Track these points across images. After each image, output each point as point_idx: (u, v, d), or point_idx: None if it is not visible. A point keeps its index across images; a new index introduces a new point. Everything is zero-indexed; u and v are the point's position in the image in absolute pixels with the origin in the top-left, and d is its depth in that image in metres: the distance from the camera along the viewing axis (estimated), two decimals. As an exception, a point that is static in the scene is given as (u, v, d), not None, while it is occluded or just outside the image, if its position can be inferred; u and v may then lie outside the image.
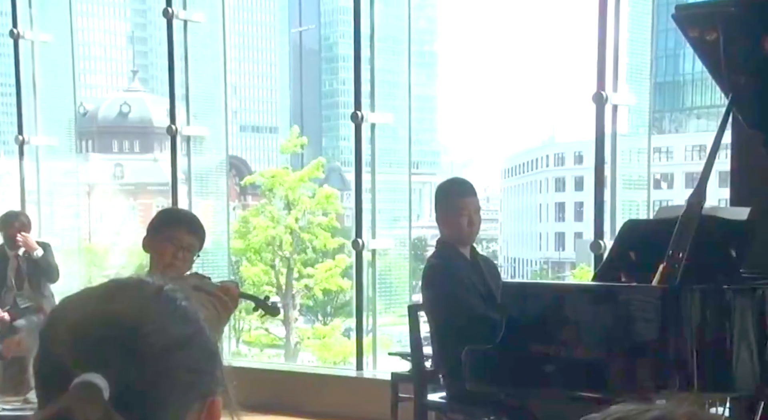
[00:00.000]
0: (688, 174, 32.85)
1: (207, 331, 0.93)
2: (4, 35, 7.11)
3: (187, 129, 6.35)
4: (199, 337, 0.91)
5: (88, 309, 0.89)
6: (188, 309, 0.92)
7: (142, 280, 0.94)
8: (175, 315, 0.91)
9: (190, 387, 0.90)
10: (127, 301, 0.90)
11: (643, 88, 4.94)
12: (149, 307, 0.90)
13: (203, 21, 6.33)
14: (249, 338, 20.87)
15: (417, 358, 4.04)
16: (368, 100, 5.70)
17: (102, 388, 0.83)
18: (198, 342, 0.91)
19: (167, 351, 0.88)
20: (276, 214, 20.24)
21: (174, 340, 0.89)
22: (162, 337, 0.88)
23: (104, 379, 0.83)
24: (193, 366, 0.90)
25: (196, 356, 0.90)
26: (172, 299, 0.92)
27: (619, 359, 2.84)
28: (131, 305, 0.89)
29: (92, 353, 0.85)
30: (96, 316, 0.88)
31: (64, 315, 0.90)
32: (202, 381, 0.91)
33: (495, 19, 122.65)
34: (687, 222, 2.90)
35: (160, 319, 0.89)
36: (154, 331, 0.88)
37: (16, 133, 7.06)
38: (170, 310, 0.91)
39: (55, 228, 7.08)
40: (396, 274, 6.15)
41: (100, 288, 0.93)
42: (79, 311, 0.89)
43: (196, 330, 0.92)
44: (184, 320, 0.91)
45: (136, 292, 0.91)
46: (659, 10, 4.86)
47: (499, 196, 50.23)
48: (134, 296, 0.91)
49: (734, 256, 3.01)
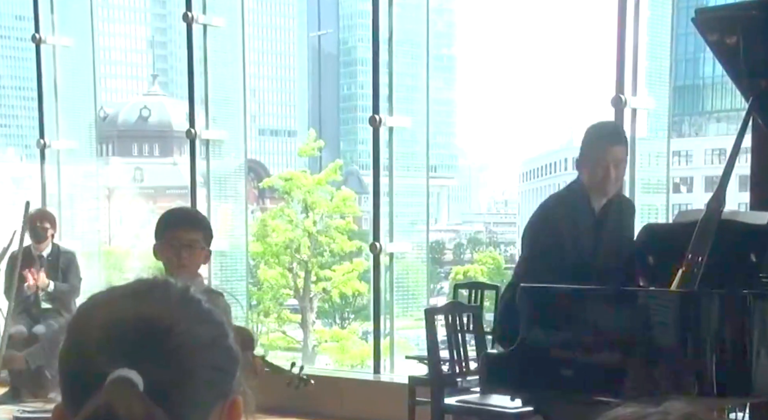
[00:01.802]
0: (707, 177, 32.64)
1: (229, 333, 0.96)
2: (26, 40, 7.19)
3: (206, 133, 6.38)
4: (222, 339, 0.94)
5: (118, 308, 0.92)
6: (212, 311, 0.96)
7: (168, 280, 0.97)
8: (201, 317, 0.94)
9: (214, 385, 0.93)
10: (156, 301, 0.93)
11: (663, 92, 4.92)
12: (178, 307, 0.93)
13: (223, 25, 6.37)
14: (267, 341, 20.93)
15: (434, 362, 4.04)
16: (386, 103, 5.70)
17: (137, 382, 0.86)
18: (221, 343, 0.94)
19: (195, 350, 0.91)
20: (294, 217, 20.31)
21: (201, 340, 0.92)
22: (191, 336, 0.91)
23: (138, 375, 0.86)
24: (217, 365, 0.93)
25: (220, 356, 0.93)
26: (197, 300, 0.95)
27: (638, 363, 2.82)
28: (161, 305, 0.92)
29: (125, 351, 0.88)
30: (127, 314, 0.90)
31: (93, 313, 0.93)
32: (225, 380, 0.94)
33: (513, 22, 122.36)
34: (706, 226, 2.89)
35: (189, 320, 0.92)
36: (183, 332, 0.91)
37: (37, 137, 7.12)
38: (197, 310, 0.94)
39: (75, 231, 7.14)
40: (413, 278, 6.15)
41: (128, 287, 0.96)
42: (109, 310, 0.92)
43: (220, 331, 0.95)
44: (209, 322, 0.94)
45: (164, 291, 0.94)
46: (679, 14, 4.84)
47: (517, 199, 50.11)
48: (163, 296, 0.94)
49: (754, 261, 2.99)
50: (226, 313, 3.05)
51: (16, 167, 28.35)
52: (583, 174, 3.43)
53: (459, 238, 44.34)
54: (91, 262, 7.09)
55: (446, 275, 31.74)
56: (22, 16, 7.89)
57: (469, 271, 28.34)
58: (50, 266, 5.94)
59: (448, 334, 4.15)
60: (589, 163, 3.38)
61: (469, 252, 39.04)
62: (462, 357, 4.14)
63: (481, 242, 42.07)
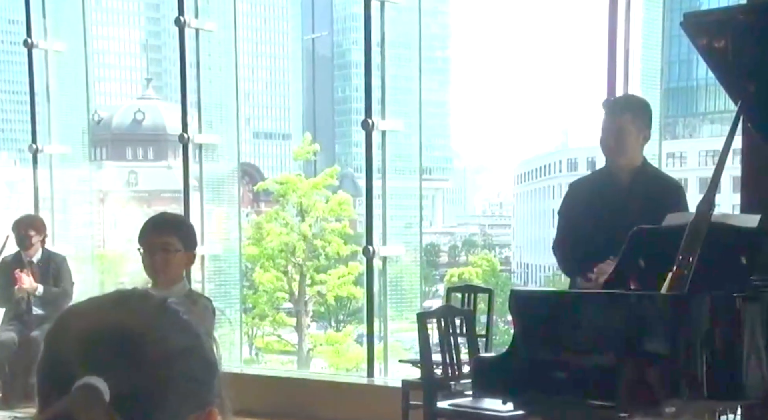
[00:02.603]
0: (701, 179, 32.69)
1: (207, 344, 0.96)
2: (19, 44, 7.17)
3: (199, 137, 6.38)
4: (199, 349, 0.94)
5: (94, 316, 0.93)
6: (190, 322, 0.96)
7: (147, 291, 0.98)
8: (178, 326, 0.94)
9: (188, 396, 0.92)
10: (132, 310, 0.93)
11: (655, 94, 4.93)
12: (153, 317, 0.93)
13: (215, 30, 6.37)
14: (261, 344, 20.90)
15: (427, 366, 4.05)
16: (379, 106, 5.71)
17: (102, 390, 0.86)
18: (198, 353, 0.94)
19: (168, 359, 0.91)
20: (289, 221, 20.29)
21: (175, 350, 0.92)
22: (164, 345, 0.91)
23: (105, 383, 0.86)
24: (192, 375, 0.93)
25: (195, 367, 0.93)
26: (175, 311, 0.96)
27: (629, 367, 2.83)
28: (136, 314, 0.93)
29: (96, 358, 0.88)
30: (102, 323, 0.91)
31: (70, 321, 0.94)
32: (200, 391, 0.94)
33: (507, 24, 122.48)
34: (697, 228, 2.89)
35: (163, 329, 0.92)
36: (157, 339, 0.91)
37: (30, 142, 7.11)
38: (173, 321, 0.94)
39: (68, 235, 7.13)
40: (407, 281, 6.15)
41: (106, 297, 0.96)
42: (86, 318, 0.93)
43: (196, 342, 0.95)
44: (185, 332, 0.94)
45: (141, 302, 0.95)
46: (671, 16, 4.85)
47: (512, 201, 50.15)
48: (139, 306, 0.94)
49: (744, 263, 2.99)
50: (204, 316, 3.05)
51: (10, 171, 28.29)
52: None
53: (454, 240, 44.35)
54: (84, 266, 7.08)
55: (441, 277, 31.74)
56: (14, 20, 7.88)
57: (464, 273, 28.34)
58: (41, 271, 5.93)
59: (441, 337, 4.15)
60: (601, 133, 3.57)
61: (464, 254, 39.06)
62: (455, 361, 4.15)
63: (476, 244, 42.09)
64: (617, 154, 3.52)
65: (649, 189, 3.48)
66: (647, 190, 3.47)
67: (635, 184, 3.50)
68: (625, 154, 3.50)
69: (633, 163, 3.53)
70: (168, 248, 3.01)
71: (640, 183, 3.50)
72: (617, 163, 3.55)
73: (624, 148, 3.48)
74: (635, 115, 3.52)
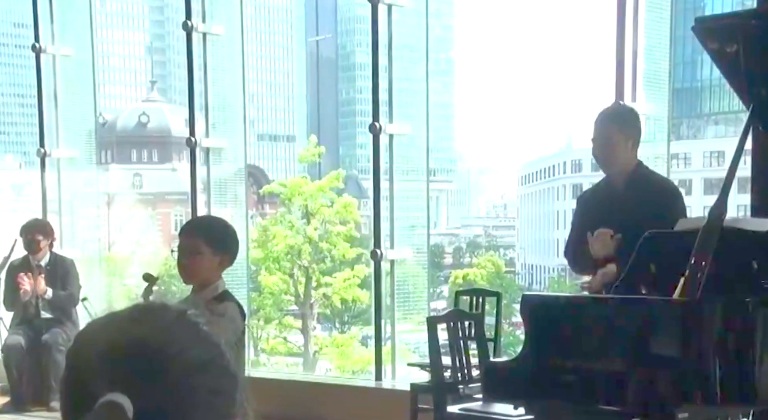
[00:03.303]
0: (706, 180, 32.63)
1: (227, 355, 0.95)
2: (26, 47, 7.19)
3: (206, 141, 6.39)
4: (220, 360, 0.94)
5: (113, 332, 0.92)
6: (210, 333, 0.95)
7: (165, 304, 0.98)
8: (198, 338, 0.93)
9: (210, 408, 0.92)
10: (151, 325, 0.93)
11: (662, 95, 4.93)
12: (173, 331, 0.93)
13: (222, 34, 6.37)
14: (267, 347, 20.91)
15: (436, 370, 4.04)
16: (386, 109, 5.70)
17: (126, 408, 0.85)
18: (219, 365, 0.94)
19: (189, 373, 0.90)
20: (295, 223, 20.31)
21: (196, 363, 0.91)
22: (184, 359, 0.91)
23: (128, 399, 0.86)
24: (213, 388, 0.92)
25: (216, 379, 0.93)
26: (194, 323, 0.95)
27: (641, 372, 2.82)
28: (155, 328, 0.92)
29: (117, 375, 0.88)
30: (122, 339, 0.91)
31: (90, 338, 0.94)
32: (222, 403, 0.93)
33: (512, 26, 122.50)
34: (709, 232, 2.88)
35: (183, 342, 0.92)
36: (177, 353, 0.90)
37: (37, 146, 7.12)
38: (192, 333, 0.94)
39: (75, 238, 7.14)
40: (414, 282, 6.14)
41: (124, 312, 0.96)
42: (105, 334, 0.93)
43: (217, 353, 0.94)
44: (206, 344, 0.94)
45: (160, 316, 0.95)
46: (677, 17, 4.85)
47: (516, 203, 50.10)
48: (158, 320, 0.94)
49: (756, 268, 2.98)
50: (234, 320, 3.06)
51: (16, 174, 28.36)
52: None
53: (458, 241, 44.33)
54: (91, 269, 7.09)
55: (446, 279, 31.73)
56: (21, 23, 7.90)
57: (468, 274, 28.34)
58: (49, 275, 5.93)
59: (450, 342, 4.15)
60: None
61: (469, 256, 39.05)
62: (464, 364, 4.14)
63: (481, 246, 42.08)
64: (608, 164, 3.68)
65: (643, 191, 3.59)
66: (641, 192, 3.58)
67: (629, 187, 3.63)
68: (616, 163, 3.65)
69: (626, 168, 3.65)
70: (195, 251, 3.03)
71: (634, 186, 3.62)
72: (610, 171, 3.70)
73: (614, 157, 3.63)
74: (621, 123, 3.66)
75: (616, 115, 3.74)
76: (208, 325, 0.95)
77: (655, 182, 3.73)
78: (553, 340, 3.02)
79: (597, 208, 3.67)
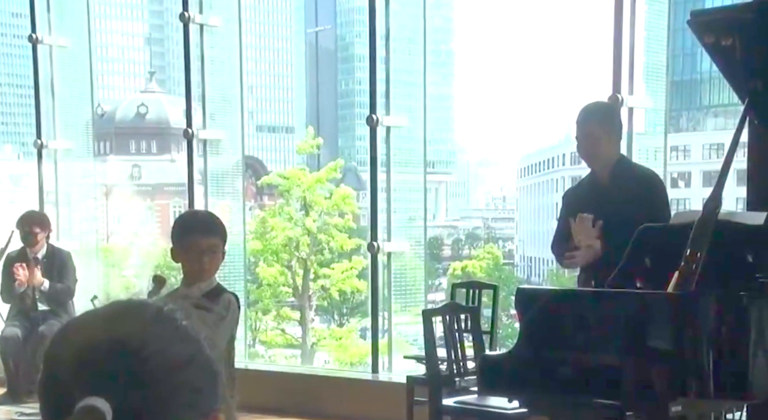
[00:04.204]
0: (705, 172, 32.65)
1: (208, 350, 0.93)
2: (23, 37, 7.16)
3: (203, 133, 6.37)
4: (200, 356, 0.92)
5: (90, 333, 0.91)
6: (189, 328, 0.93)
7: (143, 302, 0.96)
8: (176, 335, 0.92)
9: (191, 406, 0.91)
10: (128, 324, 0.91)
11: (660, 87, 4.92)
12: (150, 329, 0.91)
13: (219, 25, 6.35)
14: (265, 338, 20.94)
15: (432, 363, 4.04)
16: (383, 100, 5.69)
17: (105, 411, 0.84)
18: (199, 361, 0.92)
19: (169, 372, 0.89)
20: (293, 215, 20.31)
21: (175, 361, 0.90)
22: (163, 358, 0.89)
23: (106, 403, 0.85)
24: (194, 385, 0.91)
25: (197, 375, 0.91)
26: (172, 319, 0.93)
27: (636, 366, 2.82)
28: (132, 328, 0.90)
29: (95, 377, 0.87)
30: (98, 340, 0.89)
31: (67, 339, 0.92)
32: (203, 400, 0.92)
33: (511, 17, 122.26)
34: (704, 226, 2.89)
35: (161, 341, 0.90)
36: (155, 353, 0.89)
37: (35, 137, 7.11)
38: (171, 330, 0.92)
39: (73, 229, 7.13)
40: (411, 274, 6.14)
41: (101, 311, 0.94)
42: (82, 335, 0.91)
43: (197, 349, 0.92)
44: (184, 340, 0.92)
45: (138, 314, 0.93)
46: (676, 9, 4.84)
47: (515, 195, 50.13)
48: (135, 319, 0.92)
49: (751, 261, 2.98)
50: (233, 310, 3.07)
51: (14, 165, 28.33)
52: None
53: (457, 233, 44.37)
54: (89, 260, 7.09)
55: (444, 271, 31.75)
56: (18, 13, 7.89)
57: (467, 266, 28.37)
58: (45, 267, 5.93)
59: (446, 335, 4.15)
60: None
61: (468, 248, 39.08)
62: (460, 357, 4.15)
63: (480, 238, 42.12)
64: (592, 160, 3.78)
65: (625, 184, 3.67)
66: (624, 186, 3.66)
67: (613, 179, 3.72)
68: (599, 158, 3.75)
69: (609, 162, 3.74)
70: (215, 250, 3.06)
71: (617, 178, 3.71)
72: (595, 166, 3.80)
73: (596, 153, 3.73)
74: (601, 120, 3.75)
75: (596, 111, 3.83)
76: (187, 319, 0.94)
77: (638, 173, 3.82)
78: (548, 334, 3.02)
79: (583, 202, 3.74)
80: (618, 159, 3.78)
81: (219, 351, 0.95)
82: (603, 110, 3.91)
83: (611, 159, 3.73)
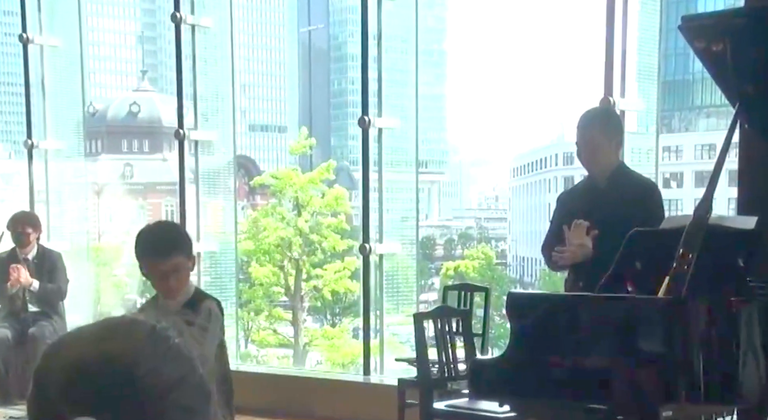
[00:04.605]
0: (697, 172, 32.71)
1: (200, 369, 0.92)
2: (13, 35, 7.13)
3: (195, 134, 6.35)
4: (192, 376, 0.91)
5: (82, 350, 0.89)
6: (182, 347, 0.92)
7: (135, 319, 0.94)
8: (169, 354, 0.91)
9: None
10: (120, 343, 0.89)
11: (652, 88, 4.93)
12: (142, 349, 0.89)
13: (211, 26, 6.33)
14: (257, 338, 20.91)
15: (423, 367, 4.04)
16: (376, 100, 5.69)
17: None
18: (191, 381, 0.91)
19: (161, 392, 0.88)
20: (286, 215, 20.27)
21: (168, 382, 0.89)
22: (156, 378, 0.88)
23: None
24: (186, 405, 0.90)
25: (189, 395, 0.90)
26: (165, 338, 0.92)
27: (626, 370, 2.82)
28: (124, 347, 0.89)
29: (86, 397, 0.85)
30: (90, 358, 0.88)
31: (58, 355, 0.90)
32: (195, 419, 0.91)
33: (504, 17, 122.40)
34: (694, 230, 2.89)
35: (154, 360, 0.89)
36: (148, 372, 0.88)
37: (25, 137, 7.07)
38: (163, 349, 0.91)
39: (64, 228, 7.10)
40: (404, 274, 6.14)
41: (93, 328, 0.93)
42: (73, 353, 0.90)
43: (189, 368, 0.92)
44: (177, 359, 0.91)
45: (129, 333, 0.91)
46: (668, 9, 4.85)
47: (507, 195, 50.16)
48: (127, 337, 0.90)
49: (741, 266, 2.99)
50: (215, 319, 3.01)
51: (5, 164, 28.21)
52: None
53: (450, 233, 44.35)
54: (80, 259, 7.06)
55: (437, 271, 31.75)
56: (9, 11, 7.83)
57: (459, 266, 28.36)
58: (36, 268, 5.90)
59: (437, 338, 4.15)
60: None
61: (460, 247, 39.08)
62: (451, 361, 4.15)
63: (472, 238, 42.11)
64: (592, 165, 3.78)
65: (623, 189, 3.68)
66: (621, 191, 3.67)
67: (610, 186, 3.72)
68: (599, 164, 3.75)
69: (609, 168, 3.74)
70: (179, 268, 2.96)
71: (614, 184, 3.72)
72: (594, 172, 3.80)
73: (597, 158, 3.73)
74: (603, 126, 3.75)
75: (598, 117, 3.82)
76: (179, 337, 0.93)
77: (635, 179, 3.83)
78: (539, 338, 3.02)
79: (578, 205, 3.74)
80: (617, 165, 3.78)
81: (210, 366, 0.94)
82: (605, 116, 3.90)
83: (611, 165, 3.73)
